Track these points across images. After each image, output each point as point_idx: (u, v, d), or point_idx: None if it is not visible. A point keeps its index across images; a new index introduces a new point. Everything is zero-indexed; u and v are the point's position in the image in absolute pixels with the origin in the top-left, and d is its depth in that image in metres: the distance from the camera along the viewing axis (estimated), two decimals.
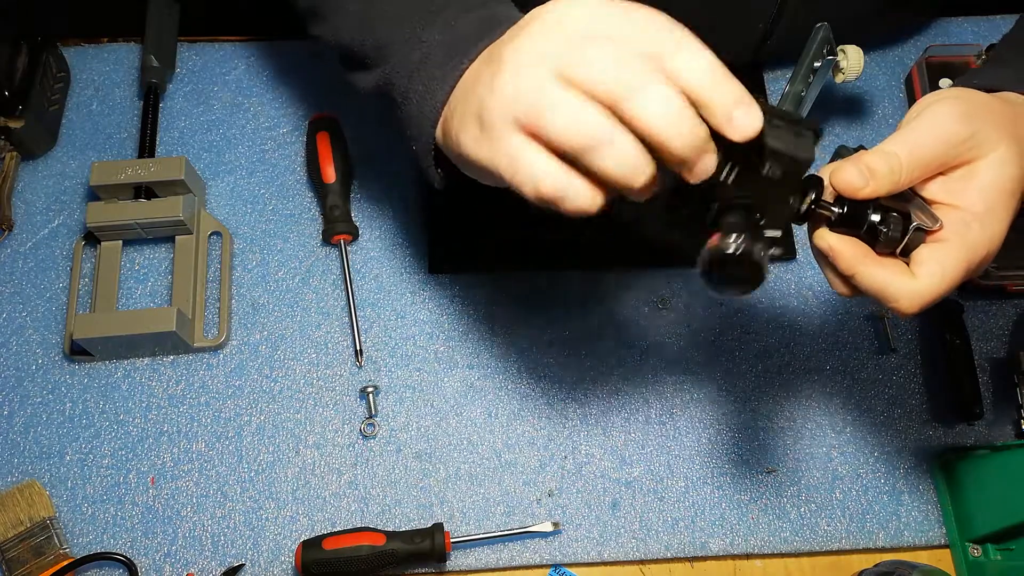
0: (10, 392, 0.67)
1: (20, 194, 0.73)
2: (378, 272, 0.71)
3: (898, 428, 0.67)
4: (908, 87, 0.79)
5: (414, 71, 0.49)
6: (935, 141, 0.46)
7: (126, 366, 0.68)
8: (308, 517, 0.63)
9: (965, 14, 0.83)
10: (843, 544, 0.63)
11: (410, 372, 0.68)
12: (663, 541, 0.63)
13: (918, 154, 0.46)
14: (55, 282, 0.70)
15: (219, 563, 0.62)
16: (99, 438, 0.65)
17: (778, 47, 0.75)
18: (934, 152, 0.46)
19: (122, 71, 0.79)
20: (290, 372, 0.68)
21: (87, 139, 0.76)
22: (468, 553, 0.62)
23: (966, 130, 0.46)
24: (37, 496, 0.62)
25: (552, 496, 0.64)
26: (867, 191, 0.45)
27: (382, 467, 0.65)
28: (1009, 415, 0.67)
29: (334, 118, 0.74)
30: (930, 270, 0.45)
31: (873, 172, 0.45)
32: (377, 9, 0.54)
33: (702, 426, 0.67)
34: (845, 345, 0.70)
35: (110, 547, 0.62)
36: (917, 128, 0.46)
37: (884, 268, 0.46)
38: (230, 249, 0.71)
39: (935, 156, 0.46)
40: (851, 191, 0.45)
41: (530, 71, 0.41)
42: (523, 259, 0.72)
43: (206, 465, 0.65)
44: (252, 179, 0.75)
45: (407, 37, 0.50)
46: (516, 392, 0.68)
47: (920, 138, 0.46)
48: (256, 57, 0.79)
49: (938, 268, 0.45)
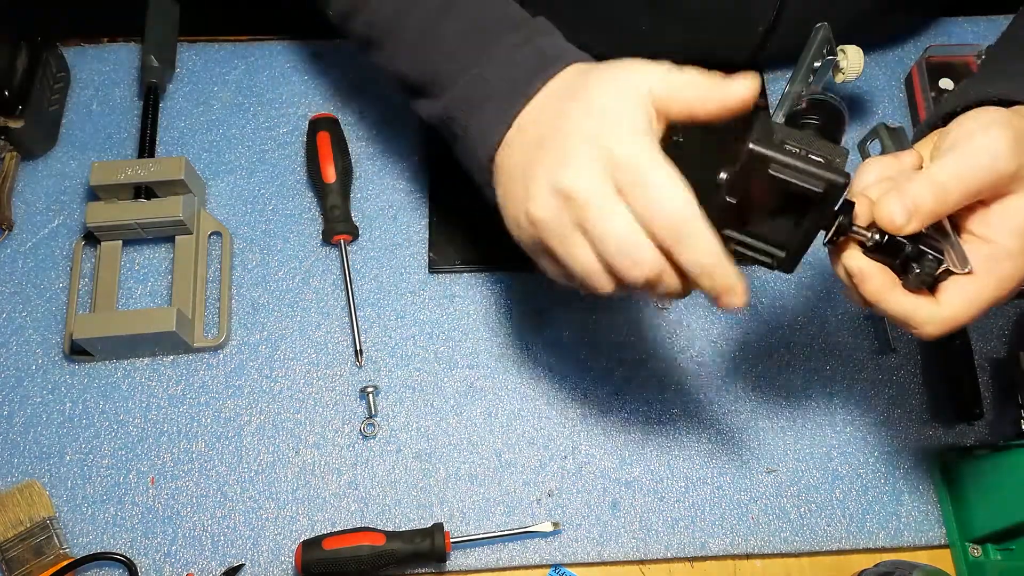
0: (10, 392, 0.67)
1: (20, 194, 0.73)
2: (378, 272, 0.71)
3: (898, 428, 0.67)
4: (908, 87, 0.79)
5: (475, 108, 0.51)
6: (986, 174, 0.44)
7: (126, 366, 0.68)
8: (308, 517, 0.63)
9: (965, 14, 0.83)
10: (843, 544, 0.63)
11: (410, 372, 0.68)
12: (663, 541, 0.63)
13: (966, 186, 0.44)
14: (55, 282, 0.70)
15: (219, 563, 0.62)
16: (99, 438, 0.65)
17: (778, 47, 0.75)
18: (982, 185, 0.44)
19: (122, 71, 0.79)
20: (290, 372, 0.68)
21: (87, 139, 0.76)
22: (468, 553, 0.62)
23: (1016, 163, 0.44)
24: (37, 496, 0.62)
25: (552, 496, 0.64)
26: (910, 229, 0.44)
27: (382, 467, 0.65)
28: (1009, 415, 0.67)
29: (334, 118, 0.74)
30: (958, 301, 0.45)
31: (918, 209, 0.44)
32: (431, 40, 0.54)
33: (702, 426, 0.67)
34: (845, 345, 0.70)
35: (110, 547, 0.62)
36: (969, 157, 0.44)
37: (910, 296, 0.46)
38: (230, 249, 0.71)
39: (982, 189, 0.45)
40: (893, 229, 0.44)
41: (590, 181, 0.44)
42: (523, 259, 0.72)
43: (206, 465, 0.65)
44: (252, 179, 0.75)
45: (464, 71, 0.52)
46: (516, 392, 0.68)
47: (971, 170, 0.44)
48: (256, 57, 0.79)
49: (965, 301, 0.45)
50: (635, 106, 0.44)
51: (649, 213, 0.43)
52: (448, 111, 0.53)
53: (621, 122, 0.44)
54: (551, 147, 0.45)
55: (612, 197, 0.43)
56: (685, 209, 0.42)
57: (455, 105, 0.52)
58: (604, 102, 0.45)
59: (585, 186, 0.43)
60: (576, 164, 0.44)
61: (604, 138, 0.44)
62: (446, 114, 0.53)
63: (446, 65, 0.53)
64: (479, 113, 0.50)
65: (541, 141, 0.46)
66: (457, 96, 0.52)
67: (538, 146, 0.46)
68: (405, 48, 0.56)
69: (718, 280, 0.44)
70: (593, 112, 0.45)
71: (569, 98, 0.46)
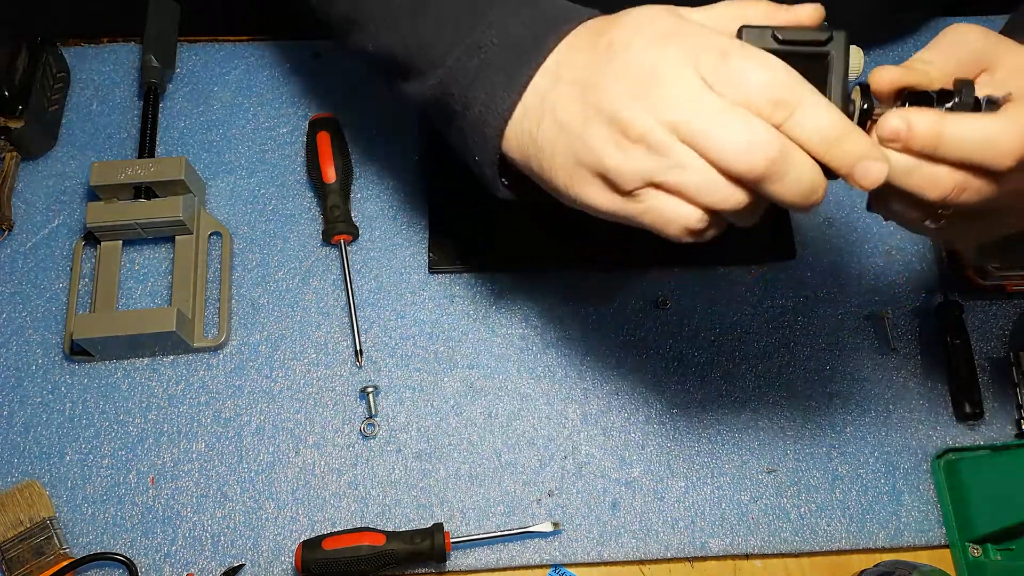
0: (10, 392, 0.67)
1: (20, 194, 0.73)
2: (378, 272, 0.71)
3: (898, 428, 0.67)
4: None
5: (474, 78, 0.46)
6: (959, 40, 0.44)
7: (126, 366, 0.68)
8: (308, 517, 0.63)
9: (965, 14, 0.83)
10: (843, 544, 0.63)
11: (410, 372, 0.68)
12: (663, 541, 0.63)
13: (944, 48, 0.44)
14: (55, 282, 0.70)
15: (219, 563, 0.62)
16: (99, 438, 0.65)
17: None
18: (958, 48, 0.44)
19: (122, 71, 0.79)
20: (290, 372, 0.68)
21: (87, 139, 0.76)
22: (468, 553, 0.62)
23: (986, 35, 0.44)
24: (37, 496, 0.62)
25: (552, 496, 0.64)
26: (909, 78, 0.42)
27: (382, 467, 0.65)
28: (1009, 415, 0.67)
29: (334, 118, 0.74)
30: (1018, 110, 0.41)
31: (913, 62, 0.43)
32: (420, 9, 0.50)
33: (702, 426, 0.67)
34: (845, 345, 0.70)
35: (110, 547, 0.62)
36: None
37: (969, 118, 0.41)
38: (230, 249, 0.71)
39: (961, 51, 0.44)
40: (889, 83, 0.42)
41: (677, 75, 0.39)
42: (523, 259, 0.72)
43: (206, 465, 0.65)
44: (252, 179, 0.75)
45: (460, 39, 0.47)
46: (516, 392, 0.68)
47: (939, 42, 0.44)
48: (256, 57, 0.79)
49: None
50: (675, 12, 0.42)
51: (751, 92, 0.39)
52: (444, 86, 0.48)
53: (688, 28, 0.41)
54: (615, 80, 0.41)
55: (710, 92, 0.39)
56: (791, 79, 0.39)
57: (450, 80, 0.47)
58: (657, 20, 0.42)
59: (679, 93, 0.39)
60: (665, 75, 0.39)
61: (680, 41, 0.40)
62: (441, 91, 0.48)
63: (439, 36, 0.48)
64: (481, 83, 0.46)
65: (591, 84, 0.42)
66: (452, 69, 0.47)
67: (589, 88, 0.42)
68: (391, 22, 0.51)
69: (849, 144, 0.39)
70: (642, 31, 0.41)
71: (604, 35, 0.42)
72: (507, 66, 0.45)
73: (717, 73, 0.39)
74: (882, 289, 0.72)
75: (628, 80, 0.41)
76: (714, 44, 0.40)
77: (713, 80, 0.39)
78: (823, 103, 0.39)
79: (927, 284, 0.72)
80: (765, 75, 0.39)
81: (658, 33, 0.41)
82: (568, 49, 0.44)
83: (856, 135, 0.39)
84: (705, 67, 0.39)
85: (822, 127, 0.39)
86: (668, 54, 0.40)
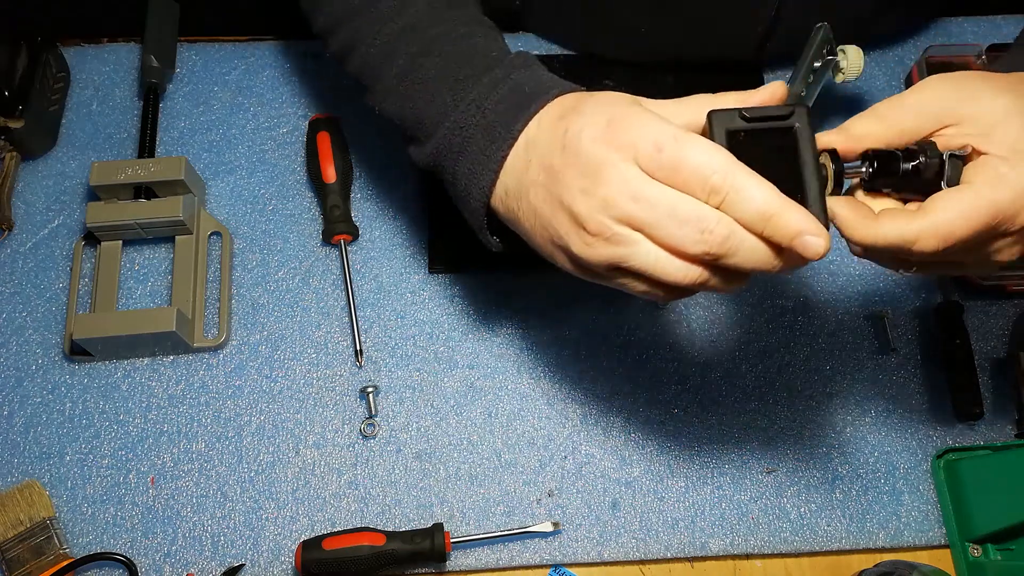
0: (10, 392, 0.67)
1: (20, 194, 0.73)
2: (378, 272, 0.71)
3: (898, 428, 0.67)
4: (908, 87, 0.78)
5: (458, 154, 0.50)
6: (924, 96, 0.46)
7: (126, 366, 0.68)
8: (308, 517, 0.63)
9: (965, 14, 0.83)
10: (843, 544, 0.63)
11: (410, 372, 0.68)
12: (663, 541, 0.63)
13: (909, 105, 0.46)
14: (55, 282, 0.70)
15: (219, 563, 0.62)
16: (99, 438, 0.65)
17: (778, 47, 0.75)
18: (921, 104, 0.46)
19: (122, 71, 0.79)
20: (290, 372, 0.68)
21: (87, 139, 0.76)
22: (468, 553, 0.62)
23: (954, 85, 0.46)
24: (37, 496, 0.62)
25: (552, 496, 0.64)
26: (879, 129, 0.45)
27: (382, 467, 0.65)
28: (1009, 415, 0.67)
29: (334, 118, 0.74)
30: (947, 205, 0.43)
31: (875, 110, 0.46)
32: (413, 83, 0.53)
33: (702, 426, 0.67)
34: (845, 345, 0.70)
35: (110, 547, 0.62)
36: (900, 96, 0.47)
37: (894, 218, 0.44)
38: (230, 249, 0.71)
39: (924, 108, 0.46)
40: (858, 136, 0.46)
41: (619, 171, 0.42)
42: (523, 259, 0.72)
43: (206, 465, 0.65)
44: (252, 179, 0.75)
45: (446, 117, 0.50)
46: (516, 392, 0.68)
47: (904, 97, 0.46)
48: (256, 57, 0.79)
49: (956, 204, 0.43)
50: (634, 102, 0.44)
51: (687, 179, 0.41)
52: (435, 158, 0.52)
53: (631, 119, 0.43)
54: (569, 171, 0.43)
55: (652, 183, 0.42)
56: (723, 164, 0.41)
57: (440, 152, 0.51)
58: (607, 110, 0.44)
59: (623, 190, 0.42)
60: (607, 173, 0.42)
61: (619, 136, 0.42)
62: (434, 161, 0.52)
63: (429, 110, 0.51)
64: (464, 160, 0.49)
65: (552, 171, 0.44)
66: (441, 143, 0.51)
67: (551, 175, 0.44)
68: (392, 91, 0.54)
69: (783, 221, 0.40)
70: (592, 122, 0.43)
71: (564, 120, 0.45)
72: (484, 147, 0.48)
73: (655, 164, 0.41)
74: (882, 289, 0.72)
75: (578, 174, 0.43)
76: (651, 136, 0.42)
77: (653, 171, 0.42)
78: (755, 183, 0.41)
79: (927, 284, 0.72)
80: (696, 162, 0.41)
81: (603, 124, 0.43)
82: (537, 128, 0.47)
83: (791, 211, 0.41)
84: (643, 160, 0.42)
85: (757, 207, 0.40)
86: (610, 148, 0.42)
